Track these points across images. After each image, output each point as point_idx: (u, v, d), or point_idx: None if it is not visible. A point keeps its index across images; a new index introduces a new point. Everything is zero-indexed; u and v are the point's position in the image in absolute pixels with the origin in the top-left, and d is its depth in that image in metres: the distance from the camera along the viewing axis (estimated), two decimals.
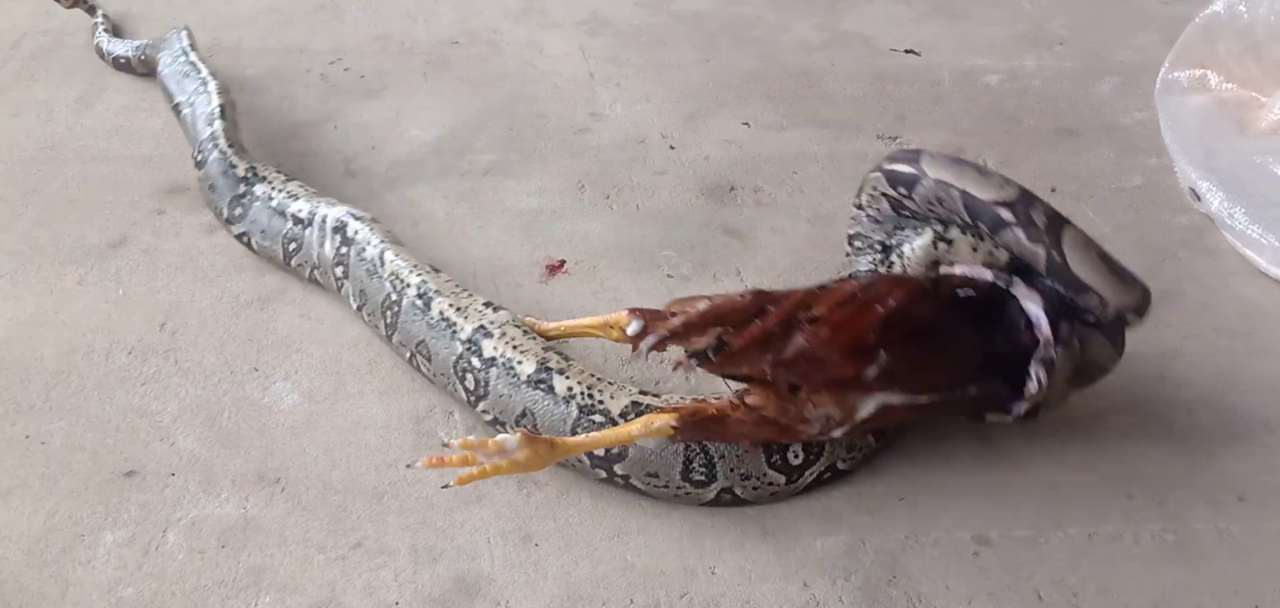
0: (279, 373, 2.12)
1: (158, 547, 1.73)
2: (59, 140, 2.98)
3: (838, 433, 1.68)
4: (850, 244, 2.11)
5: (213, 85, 2.83)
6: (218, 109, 2.72)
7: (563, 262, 2.49)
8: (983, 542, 1.74)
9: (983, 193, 1.76)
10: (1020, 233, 1.73)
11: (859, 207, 2.03)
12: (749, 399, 1.64)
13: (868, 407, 1.66)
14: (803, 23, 3.79)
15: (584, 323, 1.88)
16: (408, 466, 1.74)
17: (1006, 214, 1.74)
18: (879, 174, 1.92)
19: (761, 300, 1.65)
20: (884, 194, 1.93)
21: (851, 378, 1.64)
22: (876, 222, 2.00)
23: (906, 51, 3.57)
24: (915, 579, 1.68)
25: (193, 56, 3.03)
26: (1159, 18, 3.75)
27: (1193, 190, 2.69)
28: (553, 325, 1.95)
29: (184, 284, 2.36)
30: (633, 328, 1.65)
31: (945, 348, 1.74)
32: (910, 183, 1.84)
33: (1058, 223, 1.74)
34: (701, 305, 1.64)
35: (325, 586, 1.67)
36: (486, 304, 2.02)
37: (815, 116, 3.17)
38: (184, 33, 3.15)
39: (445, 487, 1.71)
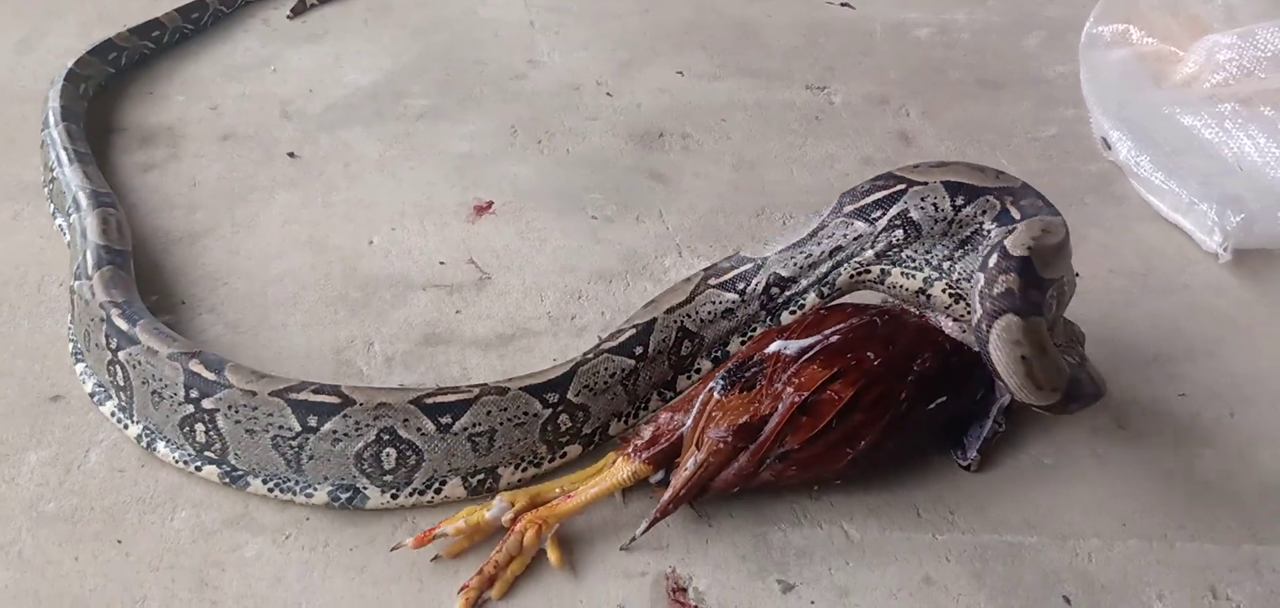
0: (205, 305, 2.18)
1: (80, 465, 1.80)
2: (0, 82, 3.01)
3: None
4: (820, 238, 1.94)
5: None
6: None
7: (490, 203, 2.55)
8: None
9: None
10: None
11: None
12: None
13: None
14: None
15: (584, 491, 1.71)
16: (392, 549, 1.67)
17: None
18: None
19: (742, 440, 1.67)
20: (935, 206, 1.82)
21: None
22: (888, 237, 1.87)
23: (841, 4, 3.64)
24: (801, 496, 1.77)
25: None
26: None
27: (1104, 139, 2.78)
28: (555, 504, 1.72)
29: None
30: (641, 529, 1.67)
31: (903, 436, 1.77)
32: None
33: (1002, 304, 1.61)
34: (689, 472, 1.66)
35: (239, 501, 1.74)
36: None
37: (748, 67, 3.24)
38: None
39: (435, 559, 1.66)
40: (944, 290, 1.82)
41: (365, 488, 1.72)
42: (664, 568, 1.65)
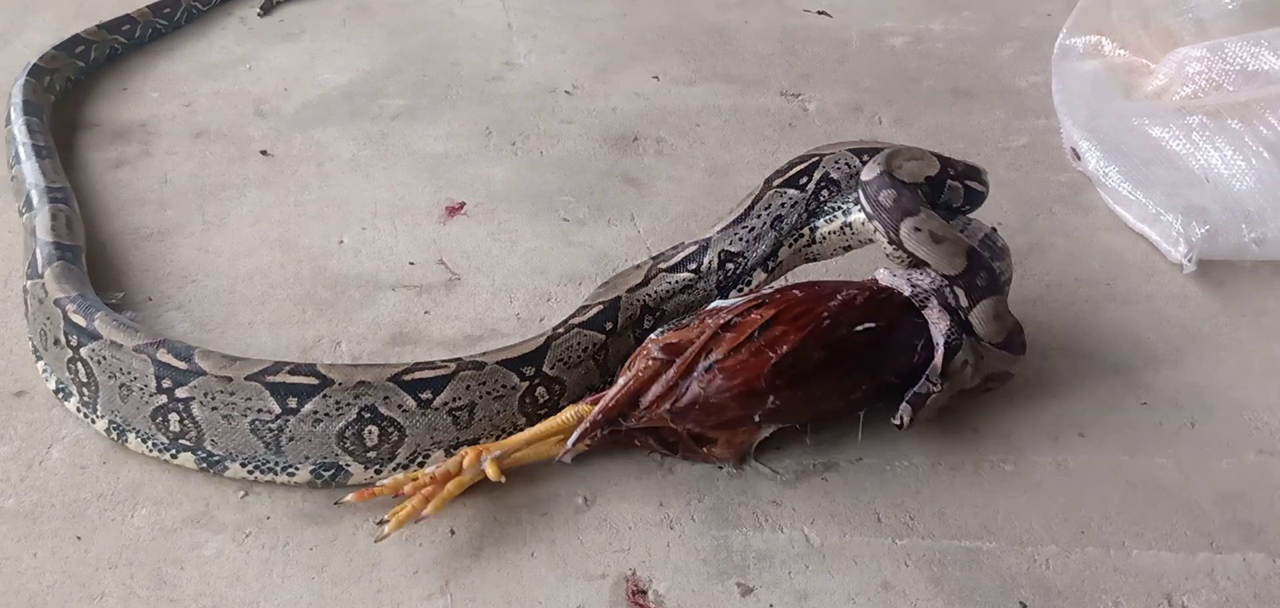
0: (173, 303, 2.18)
1: (41, 462, 1.80)
2: None
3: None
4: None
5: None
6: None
7: (463, 204, 2.56)
8: (831, 468, 1.85)
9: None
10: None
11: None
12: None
13: (756, 441, 1.83)
14: None
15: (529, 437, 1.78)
16: (336, 503, 1.70)
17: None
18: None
19: (670, 354, 1.77)
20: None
21: (743, 418, 1.78)
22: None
23: (818, 12, 3.66)
24: (763, 501, 1.78)
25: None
26: None
27: (1074, 150, 2.80)
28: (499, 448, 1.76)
29: (88, 216, 2.41)
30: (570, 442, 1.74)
31: (834, 382, 1.83)
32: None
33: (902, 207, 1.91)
34: (622, 383, 1.77)
35: (200, 500, 1.74)
36: None
37: (723, 72, 3.26)
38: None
39: (381, 536, 1.65)
40: (859, 214, 2.02)
41: (348, 466, 1.75)
42: (624, 570, 1.65)
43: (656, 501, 1.77)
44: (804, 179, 2.08)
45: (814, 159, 2.10)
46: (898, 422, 1.84)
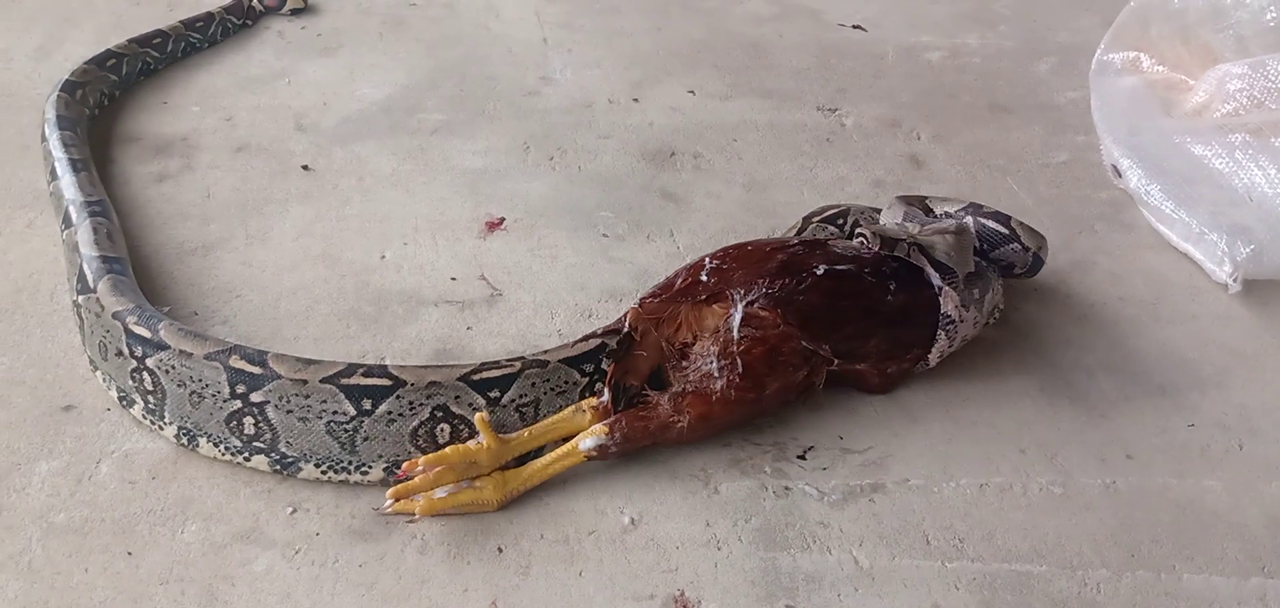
0: (218, 317, 2.19)
1: (91, 476, 1.81)
2: (16, 88, 3.04)
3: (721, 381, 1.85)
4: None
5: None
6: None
7: (502, 219, 2.56)
8: (878, 490, 1.84)
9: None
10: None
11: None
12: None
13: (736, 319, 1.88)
14: None
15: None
16: (375, 509, 1.76)
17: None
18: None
19: (659, 292, 1.98)
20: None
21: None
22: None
23: (853, 27, 3.66)
24: (811, 522, 1.77)
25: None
26: (1100, 1, 3.85)
27: (1115, 167, 2.79)
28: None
29: (131, 230, 2.42)
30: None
31: (836, 303, 1.94)
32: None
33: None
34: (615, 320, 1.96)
35: (249, 516, 1.75)
36: None
37: (759, 87, 3.26)
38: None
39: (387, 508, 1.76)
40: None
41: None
42: (672, 591, 1.65)
43: (703, 520, 1.77)
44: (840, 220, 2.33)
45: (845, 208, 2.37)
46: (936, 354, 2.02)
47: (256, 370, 1.78)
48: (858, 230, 2.09)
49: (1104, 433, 2.00)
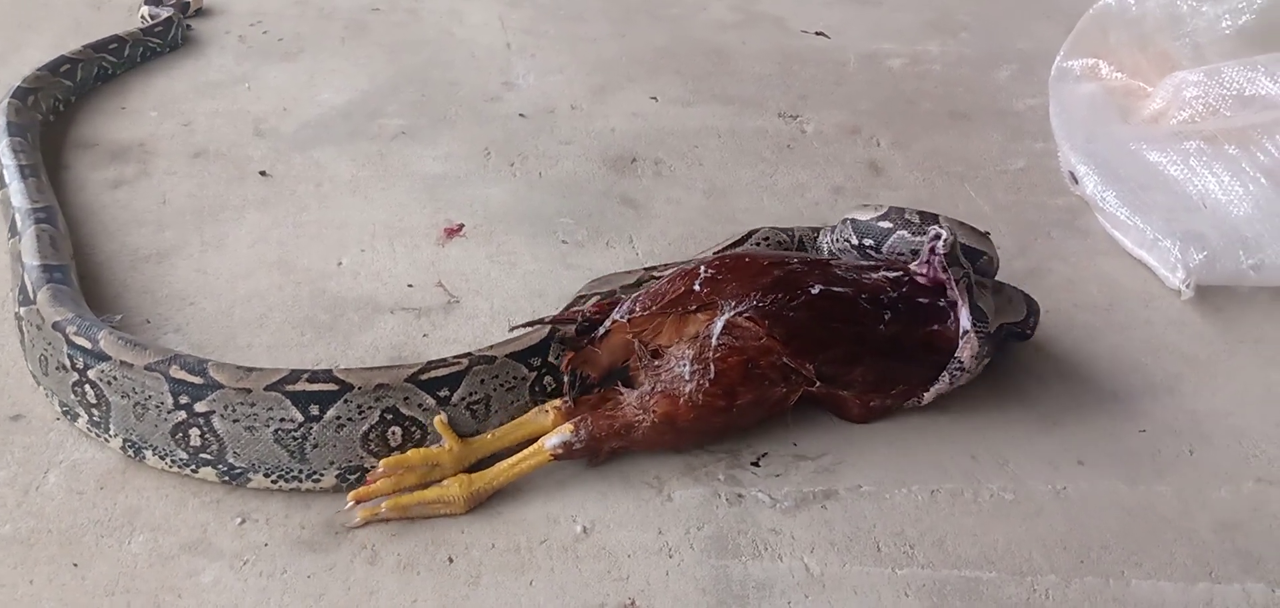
0: (171, 325, 2.17)
1: (38, 487, 1.79)
2: None
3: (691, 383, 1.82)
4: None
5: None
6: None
7: (461, 225, 2.55)
8: (831, 496, 1.84)
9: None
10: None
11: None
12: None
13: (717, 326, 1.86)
14: (719, 2, 3.87)
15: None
16: (340, 521, 1.74)
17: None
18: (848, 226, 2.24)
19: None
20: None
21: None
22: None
23: (816, 34, 3.67)
24: (763, 529, 1.78)
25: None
26: (1061, 8, 3.87)
27: (1072, 174, 2.81)
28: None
29: (85, 237, 2.41)
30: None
31: (827, 325, 1.91)
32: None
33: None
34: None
35: (198, 526, 1.73)
36: None
37: (722, 93, 3.26)
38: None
39: (347, 510, 1.76)
40: None
41: (373, 466, 1.78)
42: (623, 599, 1.65)
43: (655, 528, 1.77)
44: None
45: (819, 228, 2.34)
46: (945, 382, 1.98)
47: (197, 380, 1.75)
48: (934, 229, 2.01)
49: (1056, 439, 2.01)
